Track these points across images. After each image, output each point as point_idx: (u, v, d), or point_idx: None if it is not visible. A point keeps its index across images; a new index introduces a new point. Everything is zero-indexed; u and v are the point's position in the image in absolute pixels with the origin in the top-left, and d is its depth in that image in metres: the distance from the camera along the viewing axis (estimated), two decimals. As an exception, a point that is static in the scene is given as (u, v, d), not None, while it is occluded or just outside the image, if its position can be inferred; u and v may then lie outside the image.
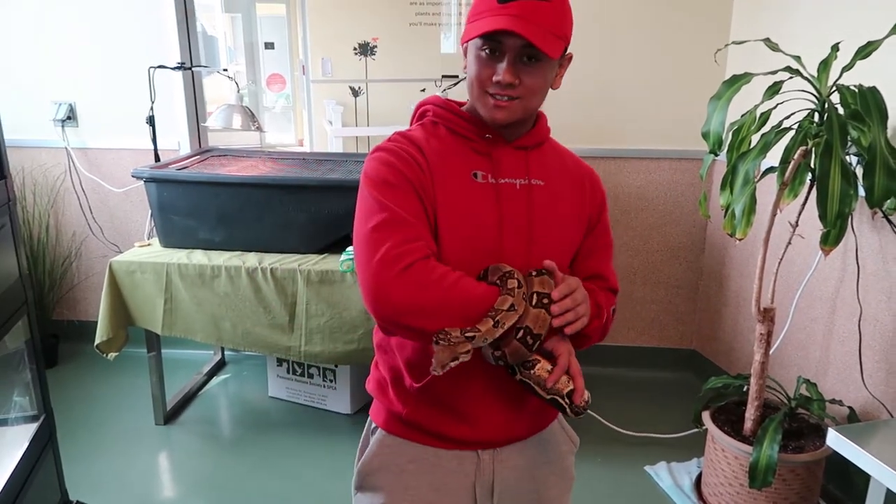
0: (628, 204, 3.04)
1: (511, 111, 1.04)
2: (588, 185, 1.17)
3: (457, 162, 1.08)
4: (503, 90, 1.02)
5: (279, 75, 7.01)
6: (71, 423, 2.67)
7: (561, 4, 1.02)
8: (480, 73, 1.03)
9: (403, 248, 0.98)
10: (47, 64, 3.07)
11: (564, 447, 1.26)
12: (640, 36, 2.85)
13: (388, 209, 1.01)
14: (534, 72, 1.01)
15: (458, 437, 1.13)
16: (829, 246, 1.74)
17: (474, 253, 1.06)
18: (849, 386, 2.17)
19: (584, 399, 1.04)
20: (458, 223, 1.06)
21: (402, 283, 0.96)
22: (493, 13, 0.99)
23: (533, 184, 1.11)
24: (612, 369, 3.20)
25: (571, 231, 1.14)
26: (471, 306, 0.98)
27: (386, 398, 1.17)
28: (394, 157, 1.05)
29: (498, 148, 1.10)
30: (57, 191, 3.21)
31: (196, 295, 2.43)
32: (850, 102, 1.79)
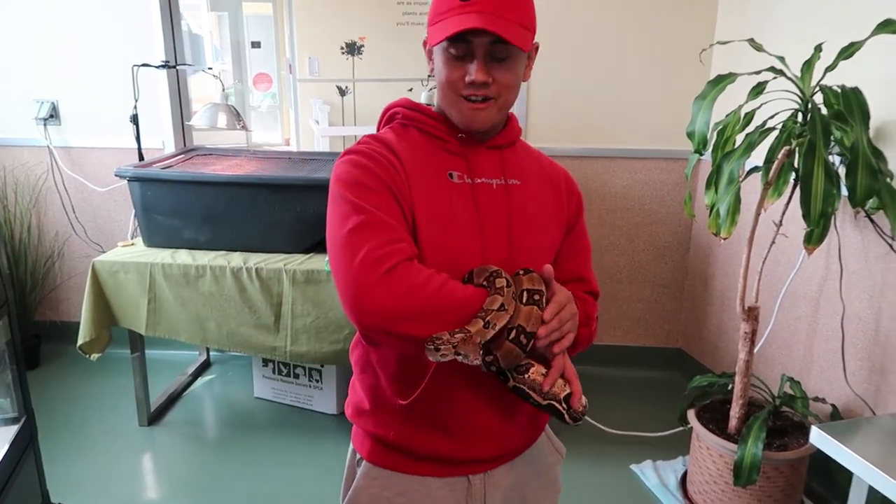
0: (614, 203, 3.05)
1: (489, 113, 1.02)
2: (564, 186, 1.16)
3: (431, 163, 1.05)
4: (477, 90, 1.00)
5: (266, 74, 6.98)
6: (53, 424, 2.64)
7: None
8: (451, 76, 1.00)
9: (385, 249, 0.93)
10: (29, 62, 3.04)
11: (551, 458, 1.23)
12: (626, 36, 2.86)
13: (365, 211, 0.96)
14: (505, 68, 1.00)
15: (449, 456, 1.08)
16: (813, 245, 1.75)
17: (455, 255, 1.03)
18: (832, 384, 2.19)
19: (582, 403, 1.00)
20: (438, 225, 1.03)
21: (385, 287, 0.91)
22: (458, 12, 0.97)
23: (510, 183, 1.08)
24: (598, 368, 3.21)
25: (551, 232, 1.12)
26: (461, 308, 0.94)
27: (369, 422, 1.11)
28: (366, 158, 1.02)
29: (472, 148, 1.08)
30: (39, 190, 3.18)
31: (180, 295, 2.41)
32: (833, 103, 1.81)
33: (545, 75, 2.91)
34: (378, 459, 1.11)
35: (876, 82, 1.89)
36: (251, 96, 7.00)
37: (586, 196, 2.97)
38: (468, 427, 1.07)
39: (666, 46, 2.86)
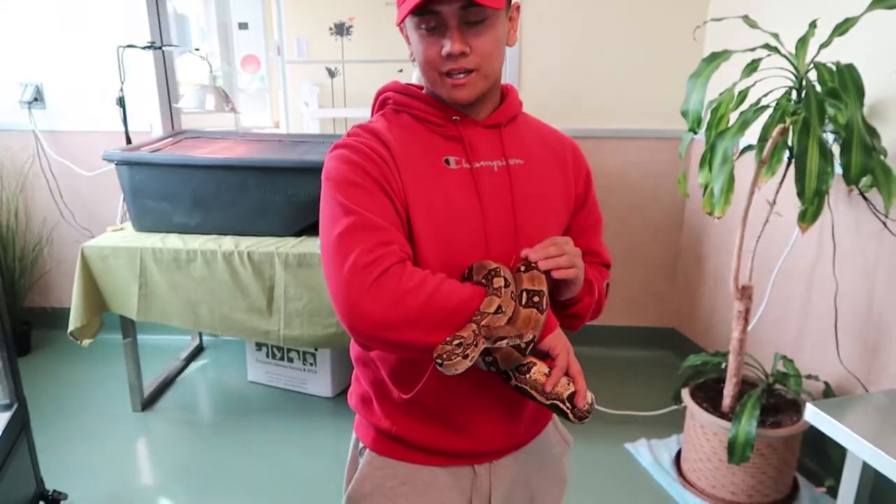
0: (607, 184, 3.03)
1: (472, 86, 0.97)
2: (571, 160, 1.10)
3: (426, 150, 1.00)
4: (456, 63, 0.94)
5: (254, 56, 6.89)
6: (46, 411, 2.63)
7: None
8: (428, 53, 0.95)
9: (375, 253, 0.89)
10: (12, 44, 2.98)
11: (558, 449, 1.20)
12: (618, 14, 2.84)
13: (354, 212, 0.92)
14: (482, 32, 0.93)
15: (453, 450, 1.06)
16: (807, 223, 1.75)
17: (456, 247, 0.98)
18: (825, 361, 2.20)
19: (587, 402, 0.95)
20: (435, 217, 0.98)
21: (376, 294, 0.87)
22: None
23: (511, 164, 1.03)
24: (591, 348, 3.21)
25: (559, 211, 1.07)
26: (457, 311, 0.89)
27: (372, 414, 1.09)
28: (355, 153, 0.97)
29: (468, 129, 1.02)
30: (25, 175, 3.13)
31: (172, 279, 2.39)
32: (828, 80, 1.80)
33: (536, 54, 2.89)
34: (381, 449, 1.09)
35: (871, 59, 1.88)
36: (239, 78, 6.91)
37: (579, 176, 2.98)
38: (471, 420, 1.05)
39: (659, 24, 2.83)
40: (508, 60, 2.90)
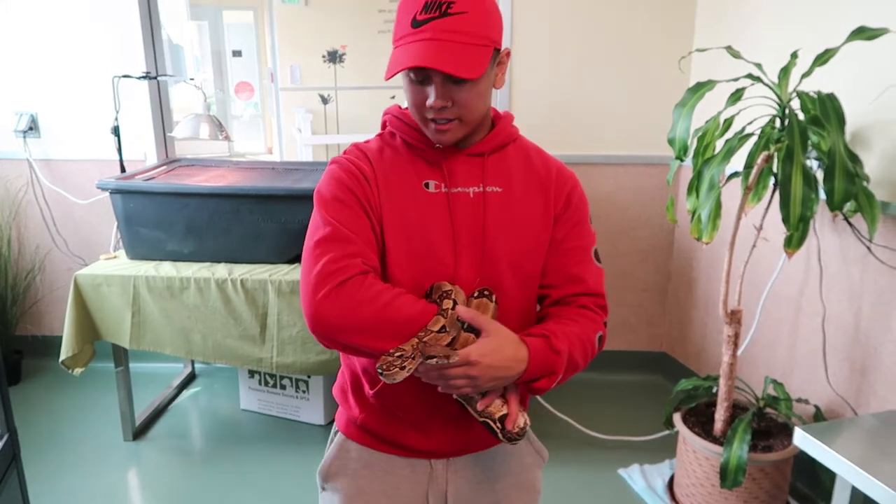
0: (597, 209, 3.07)
1: (454, 132, 1.03)
2: (554, 181, 1.12)
3: (409, 173, 1.08)
4: (439, 114, 1.01)
5: (247, 83, 6.96)
6: (36, 441, 2.61)
7: (480, 9, 0.98)
8: (415, 100, 1.02)
9: (340, 263, 0.97)
10: (8, 74, 3.01)
11: (529, 459, 1.23)
12: (607, 45, 2.89)
13: (331, 224, 1.01)
14: (465, 88, 0.99)
15: (410, 445, 1.14)
16: (793, 248, 1.78)
17: (425, 266, 1.05)
18: (814, 384, 2.22)
19: (518, 426, 1.00)
20: (407, 235, 1.05)
21: (335, 300, 0.96)
22: (410, 39, 0.97)
23: (488, 191, 1.08)
24: (583, 373, 3.19)
25: (535, 236, 1.10)
26: (406, 325, 0.96)
27: (347, 404, 1.18)
28: (342, 171, 1.06)
29: (449, 157, 1.08)
30: (19, 203, 3.14)
31: (165, 307, 2.39)
32: (810, 108, 1.84)
33: (527, 83, 2.93)
34: (351, 434, 1.19)
35: (851, 87, 1.93)
36: (233, 105, 6.97)
37: (570, 202, 3.01)
38: (429, 420, 1.12)
39: (646, 54, 2.89)
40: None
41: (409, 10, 0.98)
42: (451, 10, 0.95)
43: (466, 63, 0.96)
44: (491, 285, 1.07)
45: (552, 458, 1.30)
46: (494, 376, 0.96)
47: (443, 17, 0.95)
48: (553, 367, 1.01)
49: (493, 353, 0.96)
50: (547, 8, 2.86)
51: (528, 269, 1.10)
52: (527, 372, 0.98)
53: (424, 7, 0.96)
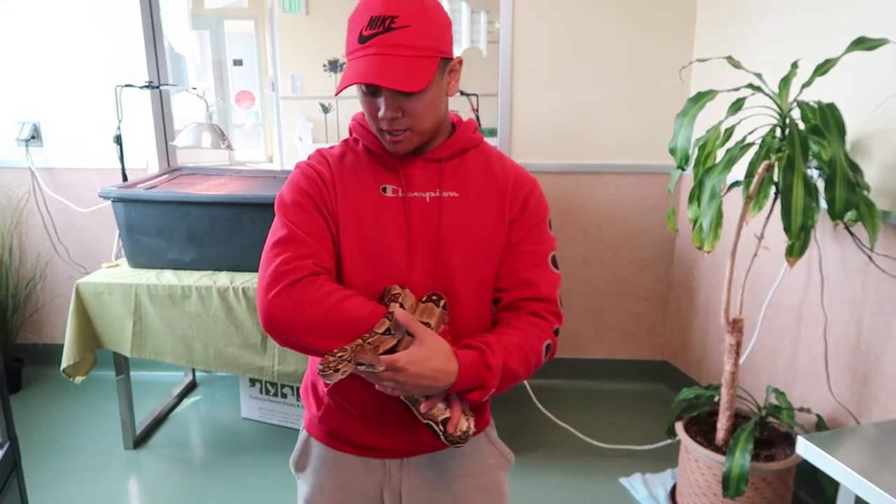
0: (598, 218, 3.08)
1: (407, 142, 1.06)
2: (511, 187, 1.13)
3: (368, 177, 1.11)
4: (390, 126, 1.03)
5: (248, 92, 6.98)
6: (36, 449, 2.60)
7: (425, 21, 1.00)
8: (369, 112, 1.05)
9: (293, 264, 1.01)
10: (10, 82, 3.02)
11: (491, 461, 1.24)
12: (608, 54, 2.91)
13: (287, 227, 1.05)
14: (414, 99, 1.01)
15: (365, 444, 1.17)
16: (794, 257, 1.79)
17: (380, 268, 1.08)
18: (816, 393, 2.22)
19: (459, 429, 1.01)
20: (363, 238, 1.08)
21: (285, 299, 0.99)
22: (357, 54, 0.99)
23: (444, 196, 1.10)
24: (584, 382, 3.22)
25: (489, 240, 1.11)
26: (351, 326, 0.99)
27: (308, 402, 1.22)
28: (302, 175, 1.10)
29: (407, 163, 1.11)
30: (21, 211, 3.15)
31: (166, 316, 2.39)
32: (810, 118, 1.85)
33: (529, 93, 2.95)
34: (312, 431, 1.23)
35: (851, 97, 1.94)
36: (233, 114, 6.99)
37: (570, 211, 3.03)
38: (381, 420, 1.14)
39: (646, 64, 2.90)
40: (501, 98, 2.96)
41: (357, 25, 1.00)
42: (395, 24, 0.97)
43: (410, 76, 0.98)
44: (444, 288, 1.09)
45: (554, 465, 1.30)
46: (421, 385, 0.96)
47: (387, 31, 0.97)
48: (484, 382, 1.01)
49: (422, 362, 0.96)
50: (547, 18, 2.88)
51: (482, 273, 1.12)
52: (456, 384, 0.99)
53: (370, 23, 0.98)
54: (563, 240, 3.11)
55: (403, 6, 0.98)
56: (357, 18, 1.01)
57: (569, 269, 3.15)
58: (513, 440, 2.69)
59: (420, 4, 1.00)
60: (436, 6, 1.03)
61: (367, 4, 1.00)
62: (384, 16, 0.98)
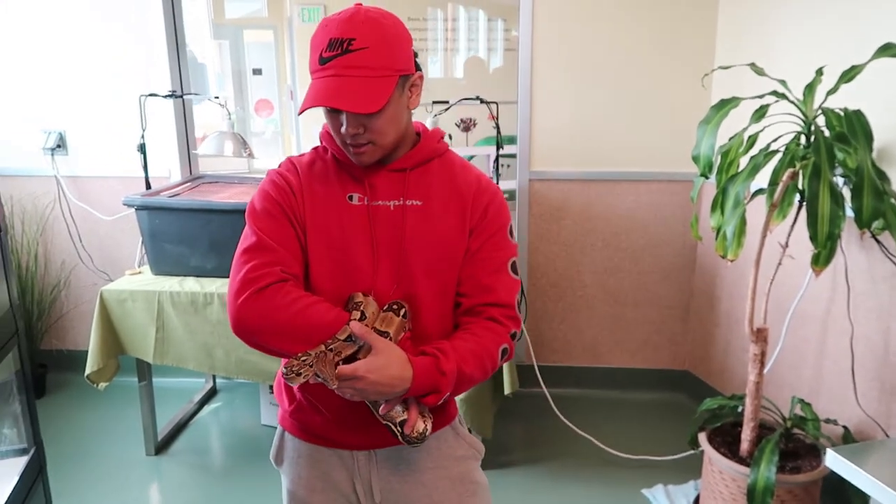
0: (618, 226, 3.06)
1: (370, 154, 1.10)
2: (472, 195, 1.17)
3: (335, 186, 1.14)
4: (353, 140, 1.07)
5: (267, 101, 7.04)
6: (60, 454, 2.63)
7: (382, 42, 1.03)
8: (332, 127, 1.10)
9: (261, 271, 1.05)
10: (37, 93, 3.07)
11: (460, 452, 1.28)
12: (628, 61, 2.90)
13: (256, 234, 1.09)
14: (374, 116, 1.05)
15: (334, 438, 1.21)
16: (820, 266, 1.76)
17: (347, 275, 1.12)
18: (843, 405, 2.18)
19: (416, 430, 1.07)
20: (330, 246, 1.12)
21: (252, 305, 1.03)
22: (318, 75, 1.04)
23: (408, 204, 1.14)
24: (604, 391, 3.20)
25: (451, 247, 1.15)
26: (316, 331, 1.03)
27: (280, 398, 1.26)
28: (270, 184, 1.14)
29: (372, 172, 1.14)
30: (46, 219, 3.19)
31: (188, 323, 2.41)
32: (836, 125, 1.83)
33: (549, 101, 2.94)
34: (285, 426, 1.28)
35: (878, 104, 1.91)
36: (252, 122, 7.05)
37: (590, 219, 3.02)
38: (349, 415, 1.16)
39: (666, 71, 2.89)
40: (520, 106, 2.96)
41: (317, 46, 1.04)
42: (353, 46, 1.01)
43: (367, 97, 1.02)
44: (408, 294, 1.13)
45: (575, 475, 1.30)
46: (379, 391, 1.02)
47: (345, 53, 1.01)
48: (438, 386, 1.06)
49: (379, 370, 1.01)
50: (566, 25, 2.88)
51: (444, 278, 1.16)
52: (411, 389, 1.04)
53: (329, 44, 1.02)
54: (582, 248, 3.10)
55: (361, 28, 1.02)
56: (317, 40, 1.05)
57: (588, 277, 3.13)
58: (533, 449, 2.71)
59: (378, 25, 1.04)
60: (394, 25, 1.06)
61: (327, 26, 1.04)
62: (342, 38, 1.02)
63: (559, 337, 3.21)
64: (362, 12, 1.04)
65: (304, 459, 1.25)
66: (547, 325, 3.19)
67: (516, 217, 3.06)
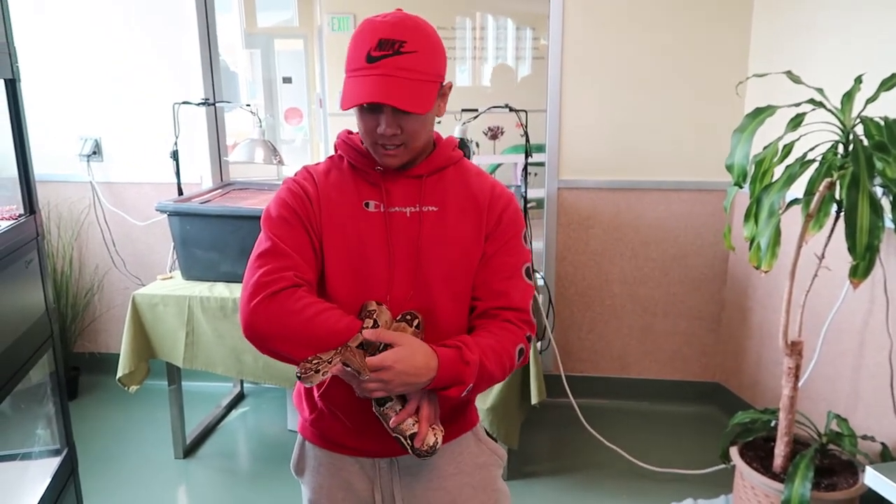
0: (648, 235, 3.02)
1: (400, 157, 1.11)
2: (487, 202, 1.18)
3: (351, 193, 1.15)
4: (388, 140, 1.08)
5: (297, 109, 7.11)
6: (91, 456, 2.66)
7: (430, 48, 1.07)
8: (367, 127, 1.09)
9: (274, 276, 1.06)
10: (74, 101, 3.14)
11: (482, 459, 1.28)
12: (659, 69, 2.87)
13: (271, 240, 1.10)
14: (412, 118, 1.07)
15: (355, 446, 1.21)
16: (859, 278, 1.72)
17: (363, 281, 1.12)
18: (881, 421, 2.12)
19: (426, 444, 1.07)
20: (346, 252, 1.13)
21: (265, 309, 1.04)
22: (364, 73, 1.04)
23: (424, 211, 1.15)
24: (633, 402, 3.16)
25: (466, 253, 1.16)
26: (326, 338, 1.03)
27: (301, 407, 1.26)
28: (286, 191, 1.15)
29: (389, 178, 1.15)
30: (81, 224, 3.26)
31: (217, 328, 2.43)
32: (875, 134, 1.79)
33: (578, 108, 2.93)
34: (306, 434, 1.28)
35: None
36: (282, 130, 7.13)
37: (619, 228, 2.99)
38: (370, 423, 1.15)
39: (698, 79, 2.85)
40: (549, 115, 2.94)
41: (364, 44, 1.05)
42: (404, 49, 1.04)
43: (417, 99, 1.05)
44: (424, 300, 1.14)
45: (602, 488, 1.30)
46: (405, 382, 1.02)
47: (395, 55, 1.03)
48: (462, 377, 1.06)
49: (405, 359, 1.01)
50: (597, 33, 2.86)
51: (460, 284, 1.16)
52: (436, 379, 1.04)
53: (379, 44, 1.04)
54: (611, 257, 3.06)
55: (412, 33, 1.05)
56: (364, 38, 1.05)
57: (617, 287, 3.10)
58: (559, 460, 2.68)
59: (425, 32, 1.07)
60: (436, 34, 1.10)
61: (375, 27, 1.05)
62: (393, 39, 1.04)
63: (587, 347, 3.17)
64: (409, 18, 1.07)
65: (325, 468, 1.25)
66: (575, 335, 3.16)
67: (544, 226, 3.04)
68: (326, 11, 5.34)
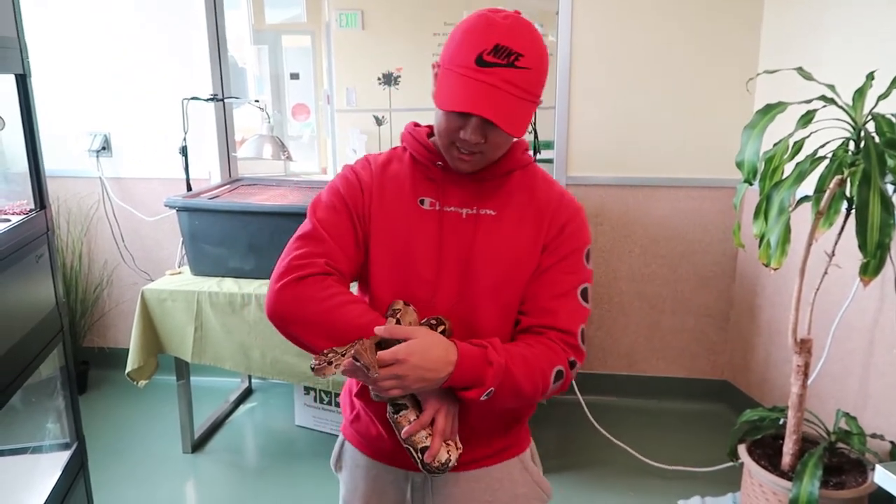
0: (656, 232, 3.01)
1: (475, 164, 1.06)
2: (551, 211, 1.10)
3: (407, 187, 1.11)
4: (468, 147, 1.02)
5: (304, 105, 7.12)
6: (100, 450, 2.68)
7: (542, 68, 1.00)
8: (448, 126, 1.02)
9: (306, 259, 1.03)
10: (84, 96, 3.15)
11: (522, 490, 1.20)
12: (668, 67, 2.86)
13: (313, 223, 1.08)
14: (500, 131, 0.99)
15: (388, 453, 1.17)
16: (869, 276, 1.70)
17: (407, 280, 1.08)
18: (890, 419, 2.11)
19: (437, 460, 1.00)
20: (393, 249, 1.08)
21: (290, 291, 1.01)
22: (472, 76, 0.96)
23: (481, 213, 1.09)
24: (640, 400, 3.15)
25: (519, 264, 1.08)
26: (348, 331, 0.99)
27: (346, 407, 1.26)
28: (341, 179, 1.13)
29: (448, 176, 1.10)
30: (90, 219, 3.27)
31: (226, 323, 2.44)
32: (886, 131, 1.77)
33: (587, 105, 2.92)
34: (347, 435, 1.26)
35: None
36: (289, 126, 7.14)
37: (627, 225, 2.98)
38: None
39: (707, 76, 2.84)
40: (558, 111, 2.94)
41: (477, 44, 0.96)
42: (519, 63, 0.96)
43: (518, 118, 0.98)
44: (469, 306, 1.07)
45: (609, 485, 1.29)
46: (421, 376, 0.95)
47: (509, 67, 0.96)
48: (482, 377, 0.98)
49: (422, 352, 0.95)
50: (606, 30, 2.85)
51: (509, 294, 1.09)
52: (454, 376, 0.97)
53: (494, 49, 0.95)
54: (619, 254, 3.06)
55: (530, 47, 0.97)
56: (479, 37, 0.97)
57: (625, 284, 3.09)
58: (566, 457, 2.68)
59: (541, 49, 0.99)
60: (547, 51, 1.02)
61: (493, 27, 0.96)
62: (511, 49, 0.95)
63: (595, 344, 3.17)
64: (528, 26, 0.98)
65: (361, 471, 1.22)
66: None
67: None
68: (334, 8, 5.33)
